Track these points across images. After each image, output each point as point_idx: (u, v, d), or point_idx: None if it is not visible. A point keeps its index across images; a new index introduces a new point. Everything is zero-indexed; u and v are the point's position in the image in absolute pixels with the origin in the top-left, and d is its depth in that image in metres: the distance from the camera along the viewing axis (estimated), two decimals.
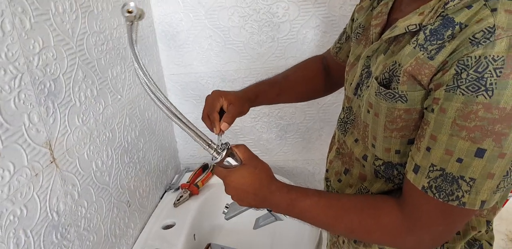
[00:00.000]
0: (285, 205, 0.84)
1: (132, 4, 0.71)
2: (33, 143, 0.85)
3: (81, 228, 1.04)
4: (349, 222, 0.80)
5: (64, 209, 0.96)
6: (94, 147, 1.10)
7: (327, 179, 1.04)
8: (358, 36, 0.94)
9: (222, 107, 1.03)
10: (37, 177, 0.86)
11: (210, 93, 1.06)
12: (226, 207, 0.97)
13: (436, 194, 0.69)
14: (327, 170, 1.04)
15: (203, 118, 1.04)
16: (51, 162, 0.91)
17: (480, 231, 0.85)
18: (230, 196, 0.90)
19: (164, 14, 1.58)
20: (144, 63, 1.41)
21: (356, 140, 0.89)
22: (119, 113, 1.25)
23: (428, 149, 0.69)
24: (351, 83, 0.91)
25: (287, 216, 0.91)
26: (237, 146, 0.89)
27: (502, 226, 2.94)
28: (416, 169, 0.72)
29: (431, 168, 0.69)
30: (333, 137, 1.03)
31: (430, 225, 0.73)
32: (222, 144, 0.86)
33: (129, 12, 0.71)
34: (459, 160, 0.65)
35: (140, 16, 0.72)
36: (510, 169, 0.65)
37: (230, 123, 1.00)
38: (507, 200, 2.50)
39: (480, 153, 0.63)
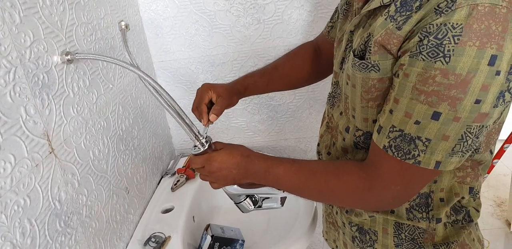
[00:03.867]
0: (262, 172, 0.90)
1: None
2: (31, 134, 0.87)
3: (83, 215, 1.06)
4: (317, 183, 0.86)
5: (66, 198, 0.99)
6: (90, 136, 1.12)
7: (318, 153, 1.09)
8: (345, 12, 0.97)
9: (212, 99, 1.09)
10: (38, 168, 0.89)
11: (200, 86, 1.11)
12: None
13: (395, 153, 0.74)
14: (318, 144, 1.09)
15: (192, 110, 1.10)
16: (50, 153, 0.93)
17: (464, 197, 0.89)
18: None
19: (149, 2, 1.58)
20: (132, 51, 1.43)
21: (341, 113, 0.94)
22: (112, 102, 1.27)
23: (391, 111, 0.73)
24: (337, 58, 0.94)
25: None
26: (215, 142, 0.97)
27: (490, 192, 3.02)
28: (379, 130, 0.77)
29: (391, 129, 0.73)
30: (324, 112, 1.08)
31: (390, 183, 0.78)
32: (205, 137, 0.95)
33: None
34: (417, 122, 0.69)
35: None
36: (465, 133, 0.69)
37: (218, 114, 1.07)
38: (493, 166, 2.53)
39: (436, 116, 0.67)
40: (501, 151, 2.35)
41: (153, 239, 1.30)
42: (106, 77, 1.24)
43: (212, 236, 1.35)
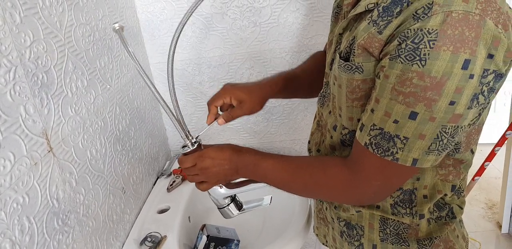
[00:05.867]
0: (252, 165, 0.94)
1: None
2: (30, 133, 0.88)
3: (80, 214, 1.07)
4: (302, 177, 0.90)
5: (64, 197, 1.00)
6: (88, 136, 1.13)
7: (309, 150, 1.13)
8: (336, 15, 1.00)
9: (232, 103, 1.07)
10: (36, 166, 0.90)
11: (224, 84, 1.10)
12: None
13: (375, 150, 0.77)
14: (309, 141, 1.12)
15: (208, 103, 1.09)
16: (49, 152, 0.94)
17: (446, 195, 0.93)
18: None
19: (147, 4, 1.60)
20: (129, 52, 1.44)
21: (329, 112, 0.97)
22: (109, 102, 1.28)
23: (372, 110, 0.77)
24: (328, 59, 0.98)
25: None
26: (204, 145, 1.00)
27: (482, 195, 3.06)
28: (361, 128, 0.80)
29: (372, 127, 0.77)
30: (316, 111, 1.10)
31: (370, 179, 0.81)
32: (195, 137, 0.99)
33: None
34: (396, 121, 0.73)
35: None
36: (440, 133, 0.72)
37: (227, 120, 1.07)
38: (485, 168, 2.53)
39: (413, 115, 0.71)
40: (492, 154, 2.37)
41: (149, 239, 1.31)
42: (104, 78, 1.25)
43: (207, 236, 1.36)
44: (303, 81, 1.19)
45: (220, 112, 1.10)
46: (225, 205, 1.05)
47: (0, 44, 0.80)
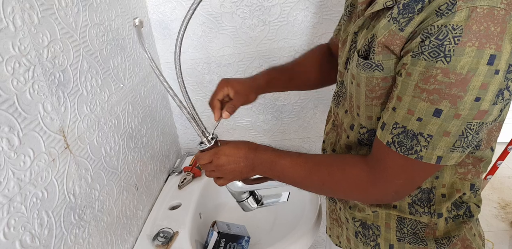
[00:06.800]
0: (268, 163, 0.94)
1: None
2: (48, 130, 0.91)
3: (95, 209, 1.10)
4: (321, 175, 0.89)
5: (80, 192, 1.02)
6: (102, 133, 1.16)
7: (323, 150, 1.12)
8: (349, 14, 0.99)
9: (229, 95, 1.10)
10: (54, 162, 0.92)
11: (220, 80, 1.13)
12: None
13: (398, 148, 0.77)
14: (324, 141, 1.11)
15: (209, 103, 1.12)
16: (65, 148, 0.97)
17: (465, 193, 0.92)
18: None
19: (157, 4, 1.62)
20: (140, 52, 1.46)
21: (346, 111, 0.97)
22: (122, 101, 1.31)
23: (394, 109, 0.76)
24: (342, 58, 0.97)
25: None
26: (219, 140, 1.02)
27: (495, 195, 3.03)
28: (382, 126, 0.79)
29: (394, 126, 0.76)
30: (330, 111, 1.11)
31: (393, 177, 0.81)
32: (212, 134, 1.00)
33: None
34: (419, 119, 0.72)
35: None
36: (465, 130, 0.71)
37: (231, 112, 1.07)
38: (497, 167, 2.51)
39: (437, 113, 0.70)
40: (505, 152, 2.35)
41: (161, 234, 1.33)
42: (117, 77, 1.28)
43: (218, 233, 1.39)
44: (295, 74, 1.21)
45: None
46: (244, 199, 1.07)
47: (20, 44, 0.83)
